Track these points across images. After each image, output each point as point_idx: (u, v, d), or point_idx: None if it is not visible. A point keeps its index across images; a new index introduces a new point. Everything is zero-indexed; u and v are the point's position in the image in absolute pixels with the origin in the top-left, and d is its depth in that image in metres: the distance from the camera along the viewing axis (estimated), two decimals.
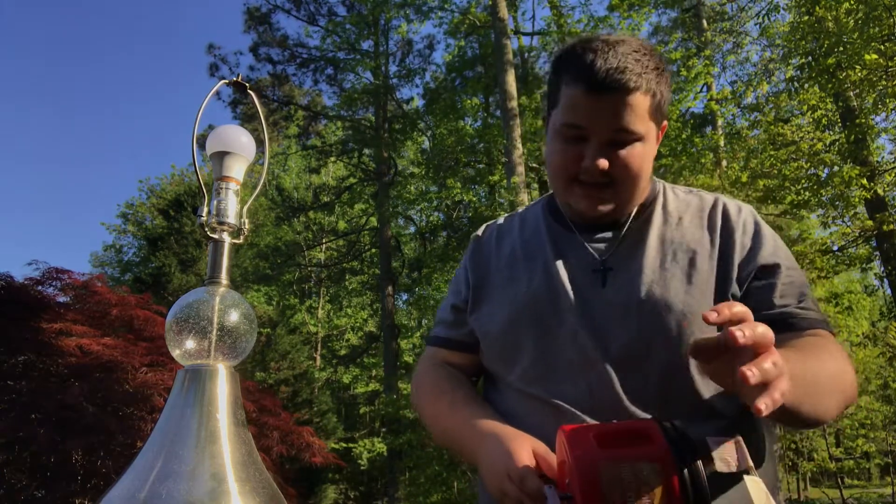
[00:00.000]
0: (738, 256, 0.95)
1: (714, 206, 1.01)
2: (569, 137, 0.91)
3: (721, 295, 0.93)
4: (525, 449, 0.81)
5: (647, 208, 1.02)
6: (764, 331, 0.62)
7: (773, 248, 0.96)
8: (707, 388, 0.90)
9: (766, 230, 0.99)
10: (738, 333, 0.60)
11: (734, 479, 0.68)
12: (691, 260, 0.94)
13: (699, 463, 0.66)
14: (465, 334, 1.08)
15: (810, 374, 0.78)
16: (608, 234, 0.99)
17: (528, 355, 0.95)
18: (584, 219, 0.99)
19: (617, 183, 0.92)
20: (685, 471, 0.65)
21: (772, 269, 0.94)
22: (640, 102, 0.88)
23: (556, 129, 0.93)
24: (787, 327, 0.89)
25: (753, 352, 0.62)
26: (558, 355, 0.93)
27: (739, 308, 0.65)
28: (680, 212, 1.01)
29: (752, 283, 0.93)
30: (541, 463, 0.79)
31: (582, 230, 1.01)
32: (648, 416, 0.87)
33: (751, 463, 0.68)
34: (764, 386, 0.60)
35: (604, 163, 0.89)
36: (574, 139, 0.90)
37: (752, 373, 0.59)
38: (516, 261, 1.04)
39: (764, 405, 0.59)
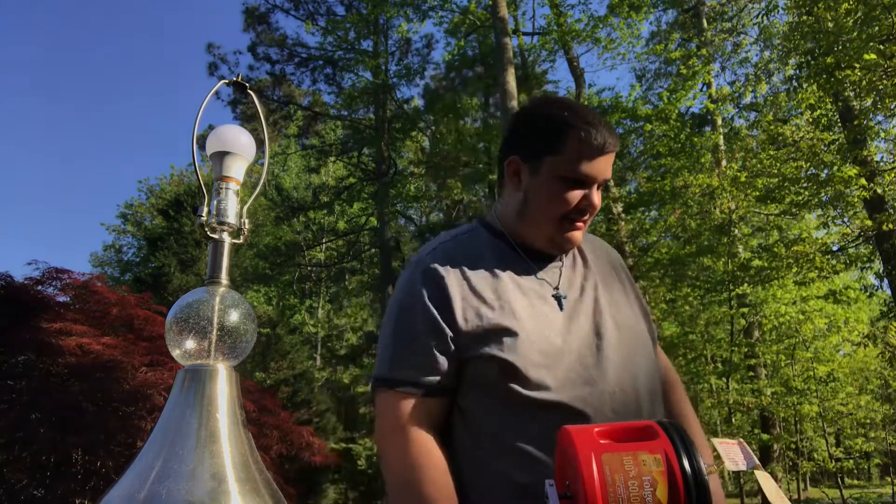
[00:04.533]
0: (634, 286, 1.23)
1: (598, 242, 1.28)
2: (573, 182, 1.09)
3: (647, 321, 1.18)
4: None
5: None
6: None
7: None
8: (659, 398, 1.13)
9: None
10: None
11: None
12: (621, 286, 1.19)
13: (699, 456, 0.69)
14: (449, 376, 1.05)
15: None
16: (557, 264, 1.16)
17: (550, 378, 1.01)
18: (549, 249, 1.16)
19: (591, 217, 1.14)
20: (686, 462, 0.68)
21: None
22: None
23: (560, 174, 1.09)
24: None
25: None
26: (569, 375, 1.02)
27: None
28: (588, 247, 1.24)
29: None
30: None
31: (536, 260, 1.15)
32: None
33: (757, 461, 0.71)
34: None
35: (599, 203, 1.13)
36: (577, 184, 1.10)
37: None
38: (503, 288, 1.09)
39: None
